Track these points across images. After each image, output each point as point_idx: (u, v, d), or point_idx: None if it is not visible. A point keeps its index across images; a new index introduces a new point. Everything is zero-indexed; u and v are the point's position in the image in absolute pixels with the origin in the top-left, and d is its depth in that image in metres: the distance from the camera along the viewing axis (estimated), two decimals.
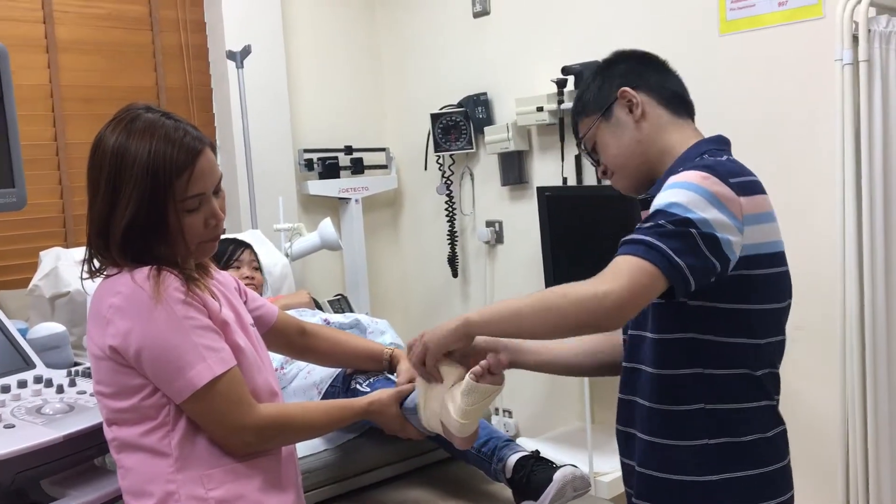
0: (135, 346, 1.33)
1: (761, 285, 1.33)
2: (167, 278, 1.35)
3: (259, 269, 2.87)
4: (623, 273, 1.22)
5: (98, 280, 1.43)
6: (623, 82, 1.47)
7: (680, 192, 1.26)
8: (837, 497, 2.33)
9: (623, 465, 1.50)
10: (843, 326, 2.22)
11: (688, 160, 1.38)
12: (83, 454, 1.74)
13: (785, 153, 2.57)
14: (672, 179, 1.30)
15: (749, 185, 1.31)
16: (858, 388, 2.19)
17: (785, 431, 1.41)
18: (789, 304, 1.40)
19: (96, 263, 1.42)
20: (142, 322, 1.33)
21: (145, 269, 1.35)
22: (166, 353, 1.33)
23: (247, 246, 2.82)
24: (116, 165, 1.35)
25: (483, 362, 1.42)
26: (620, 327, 1.44)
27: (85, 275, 1.43)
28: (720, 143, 1.44)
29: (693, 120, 1.49)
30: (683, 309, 1.33)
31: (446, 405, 1.48)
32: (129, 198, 1.34)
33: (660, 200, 1.28)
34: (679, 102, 1.48)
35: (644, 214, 1.45)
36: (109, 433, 1.43)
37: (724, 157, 1.37)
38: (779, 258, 1.35)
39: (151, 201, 1.34)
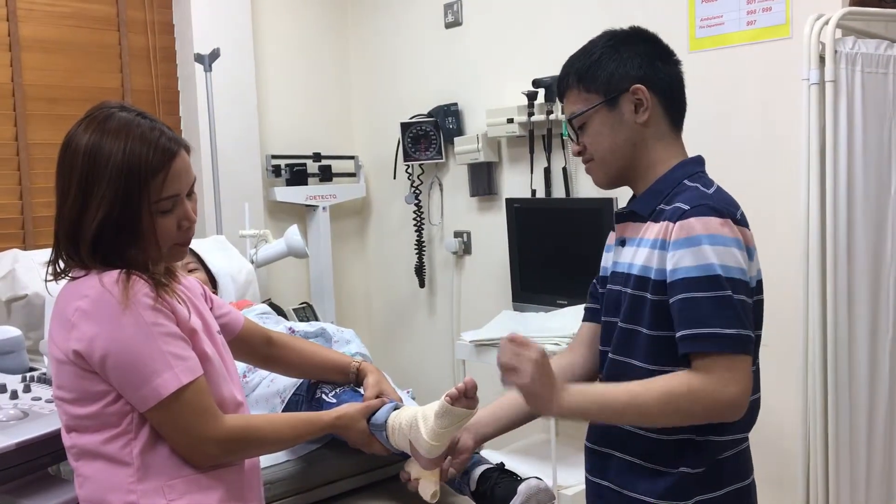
0: (100, 351, 1.30)
1: (758, 312, 1.36)
2: (136, 283, 1.32)
3: (201, 269, 2.81)
4: (740, 376, 1.25)
5: (62, 282, 1.40)
6: (639, 75, 1.38)
7: (717, 250, 1.27)
8: None
9: (590, 482, 1.49)
10: (805, 343, 2.24)
11: (674, 182, 1.38)
12: (37, 462, 1.70)
13: (750, 170, 2.60)
14: (696, 230, 1.28)
15: (744, 218, 1.36)
16: (820, 404, 2.21)
17: (748, 448, 1.42)
18: (760, 335, 1.41)
19: (61, 265, 1.39)
20: (108, 327, 1.30)
21: (114, 273, 1.32)
22: (132, 359, 1.30)
23: None
24: (89, 165, 1.32)
25: (459, 385, 1.41)
26: None
27: (49, 277, 1.40)
28: (700, 165, 1.44)
29: (682, 128, 1.47)
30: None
31: (417, 425, 1.46)
32: (101, 198, 1.31)
33: (699, 261, 1.26)
34: (678, 108, 1.44)
35: (620, 228, 1.45)
36: (68, 440, 1.39)
37: (715, 188, 1.38)
38: (761, 286, 1.38)
39: (125, 202, 1.31)
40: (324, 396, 1.96)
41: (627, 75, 1.38)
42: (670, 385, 1.26)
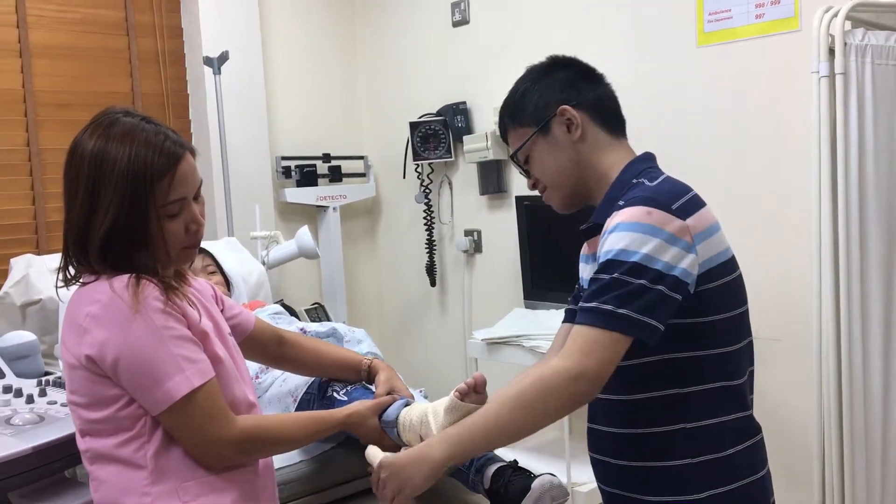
0: (112, 355, 1.30)
1: (718, 296, 1.33)
2: (146, 287, 1.32)
3: (218, 272, 2.83)
4: (591, 349, 1.23)
5: (73, 288, 1.40)
6: (562, 98, 1.43)
7: (628, 236, 1.25)
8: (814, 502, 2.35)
9: (603, 491, 1.49)
10: (819, 337, 2.23)
11: (624, 184, 1.39)
12: (53, 466, 1.71)
13: (760, 164, 2.59)
14: (617, 219, 1.29)
15: (691, 204, 1.32)
16: (835, 397, 2.20)
17: (762, 440, 1.41)
18: (747, 308, 1.40)
19: (71, 271, 1.39)
20: (119, 331, 1.30)
21: (124, 277, 1.33)
22: (144, 363, 1.31)
23: (200, 251, 2.78)
24: (95, 171, 1.33)
25: (468, 381, 1.41)
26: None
27: (60, 283, 1.40)
28: (649, 161, 1.44)
29: (625, 135, 1.48)
30: None
31: (427, 421, 1.47)
32: (108, 203, 1.32)
33: (610, 246, 1.27)
34: (615, 121, 1.47)
35: (588, 245, 1.47)
36: (83, 444, 1.40)
37: (660, 179, 1.37)
38: (730, 265, 1.36)
39: (132, 207, 1.32)
40: (335, 394, 1.97)
41: (551, 101, 1.44)
42: (532, 373, 1.28)
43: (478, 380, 1.43)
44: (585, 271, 1.50)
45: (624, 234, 1.26)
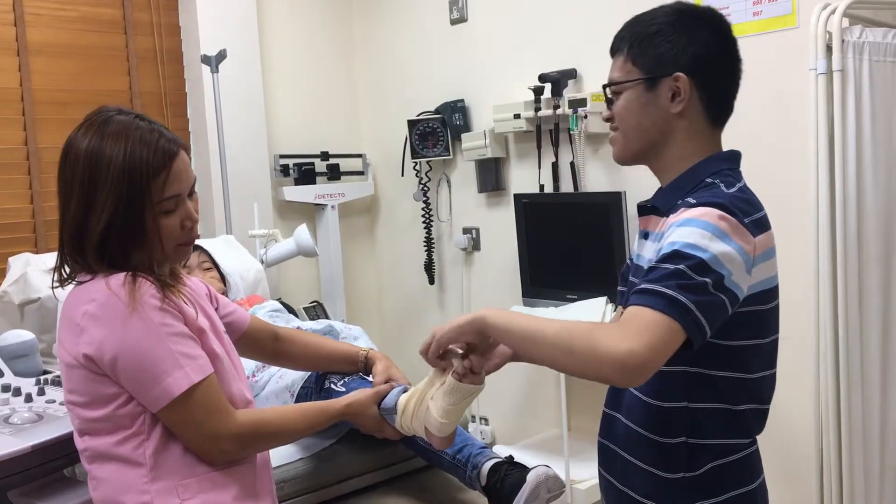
0: (110, 354, 1.30)
1: (754, 321, 1.28)
2: (143, 285, 1.33)
3: (213, 268, 2.83)
4: (648, 330, 1.12)
5: (69, 287, 1.40)
6: (686, 65, 1.29)
7: (697, 232, 1.18)
8: None
9: (601, 476, 1.47)
10: (817, 336, 2.23)
11: (697, 178, 1.31)
12: (52, 464, 1.72)
13: (758, 161, 2.58)
14: (688, 214, 1.22)
15: (761, 223, 1.26)
16: (832, 398, 2.20)
17: (756, 451, 1.37)
18: (777, 339, 1.36)
19: (66, 270, 1.39)
20: (117, 329, 1.30)
21: (120, 276, 1.33)
22: (142, 361, 1.31)
23: (195, 248, 2.77)
24: (90, 169, 1.33)
25: (465, 362, 1.41)
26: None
27: (55, 283, 1.40)
28: (731, 162, 1.37)
29: (724, 126, 1.40)
30: None
31: (427, 405, 1.48)
32: (104, 201, 1.32)
33: (677, 238, 1.19)
34: (722, 112, 1.36)
35: (643, 221, 1.41)
36: (81, 443, 1.40)
37: (738, 187, 1.30)
38: (773, 293, 1.31)
39: (128, 204, 1.32)
40: (333, 386, 1.97)
41: (676, 61, 1.29)
42: (579, 322, 1.21)
43: (474, 361, 1.42)
44: (636, 249, 1.42)
45: (694, 230, 1.19)
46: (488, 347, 1.42)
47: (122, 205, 1.32)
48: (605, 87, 1.39)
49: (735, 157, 1.38)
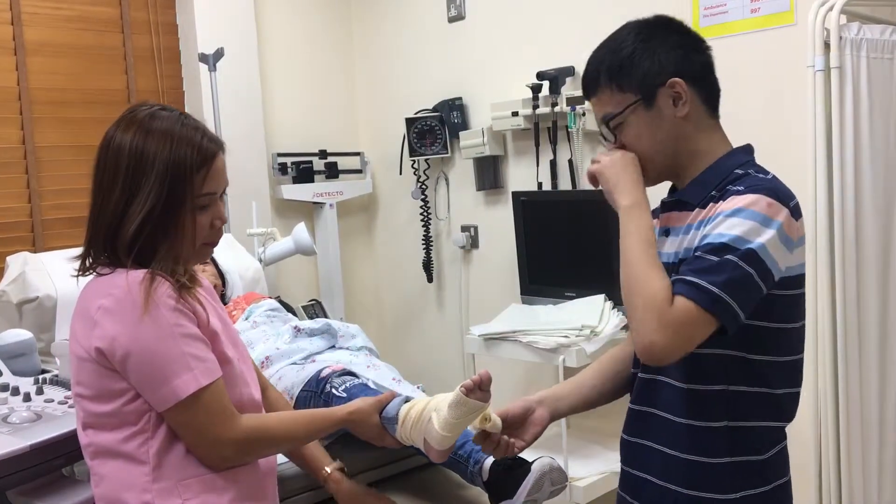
0: (122, 350, 1.31)
1: (790, 304, 1.31)
2: (161, 284, 1.34)
3: (211, 264, 2.83)
4: (675, 321, 1.19)
5: (83, 281, 1.42)
6: (676, 70, 1.32)
7: (747, 223, 1.21)
8: (811, 500, 2.35)
9: (630, 475, 1.45)
10: (815, 334, 2.23)
11: (725, 171, 1.33)
12: (51, 464, 1.72)
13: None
14: (737, 203, 1.24)
15: (798, 208, 1.29)
16: (831, 395, 2.21)
17: (786, 447, 1.39)
18: (804, 324, 1.38)
19: (90, 261, 1.41)
20: (131, 326, 1.31)
21: (140, 273, 1.34)
22: (153, 359, 1.32)
23: None
24: (135, 163, 1.36)
25: (474, 377, 1.41)
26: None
27: (78, 272, 1.42)
28: (750, 154, 1.39)
29: (718, 109, 1.42)
30: None
31: (430, 416, 1.47)
32: (147, 194, 1.35)
33: (726, 230, 1.22)
34: (715, 99, 1.39)
35: (664, 218, 1.42)
36: (85, 438, 1.40)
37: (771, 175, 1.33)
38: (804, 279, 1.34)
39: (170, 196, 1.35)
40: (333, 391, 1.97)
41: (663, 71, 1.32)
42: (650, 283, 1.25)
43: (483, 377, 1.43)
44: (662, 245, 1.42)
45: (743, 220, 1.21)
46: (525, 418, 1.47)
47: (164, 198, 1.35)
48: (605, 123, 1.38)
49: (752, 150, 1.42)
